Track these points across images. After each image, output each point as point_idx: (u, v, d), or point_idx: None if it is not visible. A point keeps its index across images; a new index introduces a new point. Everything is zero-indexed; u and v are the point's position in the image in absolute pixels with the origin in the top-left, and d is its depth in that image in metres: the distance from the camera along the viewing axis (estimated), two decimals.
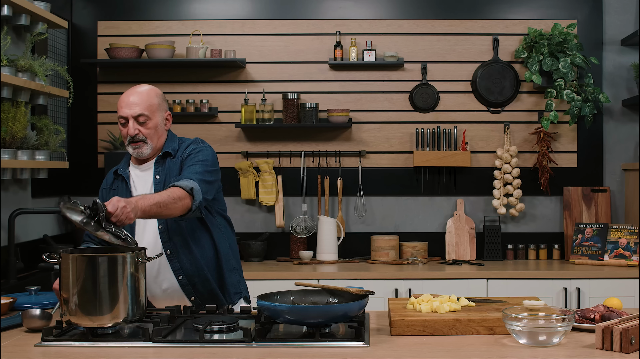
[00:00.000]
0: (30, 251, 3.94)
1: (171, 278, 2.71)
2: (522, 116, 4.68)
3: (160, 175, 2.73)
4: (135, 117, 2.68)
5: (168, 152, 2.76)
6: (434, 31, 4.68)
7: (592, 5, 4.66)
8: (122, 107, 2.69)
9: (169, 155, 2.76)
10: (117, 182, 2.79)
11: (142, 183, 2.75)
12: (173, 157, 2.76)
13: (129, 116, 2.68)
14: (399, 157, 4.68)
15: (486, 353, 2.09)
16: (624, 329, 2.04)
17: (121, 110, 2.69)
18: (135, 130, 2.67)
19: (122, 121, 2.70)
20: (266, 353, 2.09)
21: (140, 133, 2.68)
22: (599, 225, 4.44)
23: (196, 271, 2.72)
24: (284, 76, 4.68)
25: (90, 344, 2.17)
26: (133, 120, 2.68)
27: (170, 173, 2.72)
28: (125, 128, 2.70)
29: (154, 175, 2.74)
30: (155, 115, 2.72)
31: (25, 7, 3.58)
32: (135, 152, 2.72)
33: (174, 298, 2.73)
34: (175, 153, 2.77)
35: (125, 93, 2.73)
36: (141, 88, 2.73)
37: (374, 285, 3.99)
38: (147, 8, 4.68)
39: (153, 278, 2.70)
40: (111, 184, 2.80)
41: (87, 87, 4.68)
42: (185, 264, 2.71)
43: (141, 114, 2.68)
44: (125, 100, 2.69)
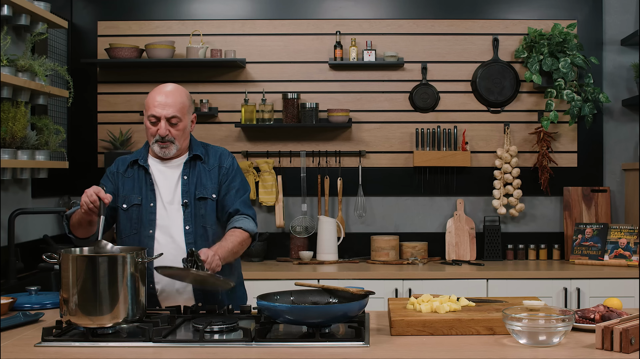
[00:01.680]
0: (30, 251, 3.94)
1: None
2: (522, 116, 4.68)
3: (189, 177, 2.76)
4: (168, 118, 2.69)
5: (198, 155, 2.79)
6: (434, 31, 4.68)
7: (592, 5, 4.66)
8: (155, 107, 2.69)
9: (198, 158, 2.79)
10: (134, 171, 2.79)
11: (165, 179, 2.76)
12: (203, 162, 2.79)
13: (161, 116, 2.69)
14: (399, 157, 4.68)
15: (486, 353, 2.09)
16: (624, 329, 2.04)
17: (153, 110, 2.69)
18: (166, 131, 2.69)
19: (152, 120, 2.70)
20: (266, 353, 2.09)
21: (170, 134, 2.70)
22: (599, 225, 4.44)
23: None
24: (284, 76, 4.68)
25: (90, 344, 2.17)
26: (165, 121, 2.69)
27: (200, 177, 2.76)
28: (154, 127, 2.71)
29: (182, 175, 2.76)
30: (185, 117, 2.74)
31: (25, 7, 3.58)
32: (162, 151, 2.73)
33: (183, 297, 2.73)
34: (205, 158, 2.80)
35: (157, 92, 2.72)
36: (174, 89, 2.74)
37: (374, 285, 3.99)
38: (147, 8, 4.68)
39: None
40: (124, 171, 2.80)
41: (87, 87, 4.68)
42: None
43: (174, 116, 2.69)
44: (159, 100, 2.69)
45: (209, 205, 2.76)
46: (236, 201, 2.80)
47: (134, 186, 2.76)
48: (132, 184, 2.77)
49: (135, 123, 4.68)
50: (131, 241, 2.72)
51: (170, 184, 2.76)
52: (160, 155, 2.74)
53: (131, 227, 2.73)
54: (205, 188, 2.76)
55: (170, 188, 2.75)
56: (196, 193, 2.74)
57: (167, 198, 2.74)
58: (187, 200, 2.73)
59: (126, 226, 2.74)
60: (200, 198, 2.75)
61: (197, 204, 2.74)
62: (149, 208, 2.73)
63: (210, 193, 2.76)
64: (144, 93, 4.67)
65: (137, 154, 2.82)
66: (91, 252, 2.39)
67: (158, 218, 2.72)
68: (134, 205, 2.74)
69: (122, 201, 2.75)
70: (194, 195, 2.74)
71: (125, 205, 2.75)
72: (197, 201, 2.74)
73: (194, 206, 2.73)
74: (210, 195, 2.76)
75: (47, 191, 4.32)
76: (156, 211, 2.72)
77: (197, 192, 2.75)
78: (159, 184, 2.76)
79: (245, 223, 2.74)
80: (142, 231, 2.71)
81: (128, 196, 2.75)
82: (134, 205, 2.74)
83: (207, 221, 2.75)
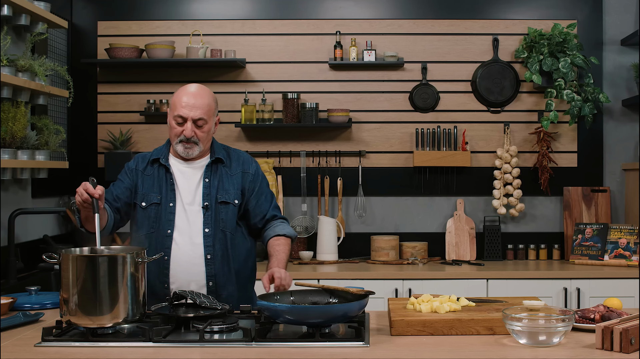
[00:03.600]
0: (30, 251, 3.94)
1: (201, 281, 2.70)
2: (522, 116, 4.68)
3: (211, 180, 2.75)
4: (194, 119, 2.69)
5: (220, 158, 2.79)
6: (434, 31, 4.68)
7: (592, 5, 4.66)
8: (182, 107, 2.68)
9: (220, 161, 2.80)
10: (154, 170, 2.78)
11: (186, 179, 2.76)
12: (225, 165, 2.80)
13: (188, 117, 2.69)
14: (399, 157, 4.68)
15: (486, 353, 2.09)
16: (624, 329, 2.04)
17: (181, 110, 2.68)
18: (192, 132, 2.69)
19: (178, 120, 2.70)
20: (266, 353, 2.09)
21: (195, 136, 2.70)
22: (599, 225, 4.44)
23: (226, 283, 2.73)
24: (284, 76, 4.68)
25: (90, 344, 2.17)
26: (191, 123, 2.69)
27: (222, 181, 2.76)
28: (180, 127, 2.70)
29: (204, 177, 2.76)
30: (211, 119, 2.75)
31: (25, 7, 3.58)
32: (185, 152, 2.73)
33: None
34: (227, 162, 2.81)
35: (184, 92, 2.72)
36: (202, 91, 2.74)
37: (374, 285, 3.99)
38: (147, 8, 4.68)
39: (185, 273, 2.70)
40: (144, 169, 2.79)
41: (87, 87, 4.68)
42: (220, 273, 2.72)
43: (201, 118, 2.70)
44: (187, 101, 2.69)
45: (230, 210, 2.75)
46: (270, 207, 2.84)
47: (153, 184, 2.76)
48: (151, 182, 2.76)
49: (135, 123, 4.68)
50: (148, 240, 2.71)
51: (191, 185, 2.75)
52: (182, 155, 2.74)
53: (149, 226, 2.73)
54: (227, 193, 2.76)
55: (191, 189, 2.75)
56: (217, 196, 2.74)
57: (188, 199, 2.74)
58: (207, 202, 2.73)
59: (144, 224, 2.74)
60: (222, 202, 2.74)
61: (218, 208, 2.74)
62: (168, 208, 2.72)
63: (233, 198, 2.76)
64: (144, 93, 4.67)
65: (158, 152, 2.82)
66: (91, 252, 2.39)
67: (177, 218, 2.72)
68: (153, 203, 2.73)
69: (141, 199, 2.75)
70: (216, 198, 2.74)
71: (144, 203, 2.74)
72: (218, 205, 2.74)
73: (214, 209, 2.73)
74: (232, 200, 2.76)
75: (47, 191, 4.32)
76: (175, 212, 2.72)
77: (218, 196, 2.74)
78: (180, 185, 2.75)
79: (285, 228, 2.81)
80: (160, 230, 2.71)
81: (147, 194, 2.75)
82: (153, 204, 2.73)
83: (227, 226, 2.74)
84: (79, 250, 2.41)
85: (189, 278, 2.69)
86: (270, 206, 2.85)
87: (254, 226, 2.84)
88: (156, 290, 2.70)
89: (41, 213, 4.03)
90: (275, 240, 2.77)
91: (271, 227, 2.83)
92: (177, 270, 2.69)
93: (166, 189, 2.74)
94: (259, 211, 2.82)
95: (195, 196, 2.74)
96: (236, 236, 2.77)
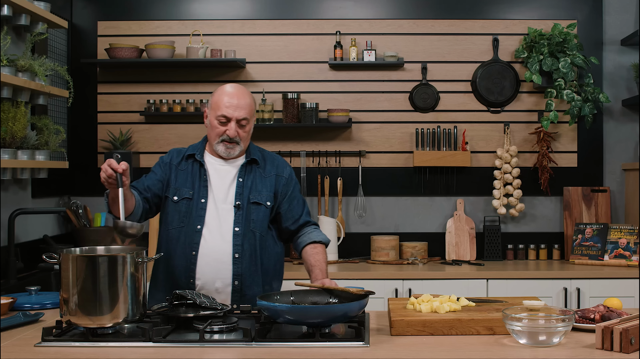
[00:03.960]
0: (30, 251, 3.94)
1: (227, 279, 2.71)
2: (522, 116, 4.68)
3: (244, 180, 2.77)
4: (238, 119, 2.71)
5: (255, 159, 2.82)
6: (434, 31, 4.68)
7: (592, 5, 4.66)
8: (227, 107, 2.70)
9: (255, 162, 2.82)
10: (188, 165, 2.80)
11: (220, 177, 2.77)
12: (259, 167, 2.82)
13: (233, 118, 2.70)
14: (399, 157, 4.68)
15: (486, 353, 2.09)
16: (624, 329, 2.04)
17: (225, 110, 2.70)
18: (235, 132, 2.71)
19: (222, 120, 2.71)
20: (266, 353, 2.09)
21: (238, 136, 2.72)
22: (599, 225, 4.44)
23: (252, 284, 2.73)
24: (284, 76, 4.68)
25: (90, 344, 2.17)
26: (235, 123, 2.71)
27: (256, 182, 2.78)
28: (223, 127, 2.72)
29: (238, 177, 2.77)
30: (252, 119, 2.78)
31: (25, 7, 3.58)
32: (227, 151, 2.75)
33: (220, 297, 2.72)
34: (261, 164, 2.83)
35: (227, 92, 2.73)
36: (244, 91, 2.76)
37: (374, 285, 3.99)
38: (147, 8, 4.68)
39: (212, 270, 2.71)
40: (178, 163, 2.80)
41: (87, 87, 4.68)
42: (247, 273, 2.72)
43: (245, 118, 2.72)
44: (231, 102, 2.70)
45: (262, 211, 2.77)
46: (303, 212, 2.88)
47: (186, 179, 2.77)
48: (185, 177, 2.77)
49: (135, 123, 4.68)
50: (178, 234, 2.72)
51: (224, 183, 2.76)
52: (223, 155, 2.76)
53: (179, 220, 2.73)
54: (260, 194, 2.77)
55: (224, 187, 2.76)
56: (250, 197, 2.76)
57: (220, 197, 2.75)
58: (239, 202, 2.74)
59: (174, 218, 2.74)
60: (255, 202, 2.76)
61: (250, 208, 2.75)
62: (200, 204, 2.73)
63: (265, 200, 2.78)
64: (144, 93, 4.67)
65: (194, 149, 2.83)
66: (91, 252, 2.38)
67: (207, 215, 2.73)
68: (185, 198, 2.74)
69: (173, 193, 2.76)
70: (248, 198, 2.75)
71: (175, 197, 2.75)
72: (250, 205, 2.75)
73: (246, 209, 2.74)
74: (264, 202, 2.77)
75: (47, 191, 4.32)
76: (206, 208, 2.73)
77: (251, 196, 2.76)
78: (213, 182, 2.76)
79: (320, 235, 2.85)
80: (190, 225, 2.72)
81: (180, 188, 2.76)
82: (185, 199, 2.74)
83: (257, 227, 2.75)
84: (79, 250, 2.41)
85: (215, 275, 2.70)
86: (303, 211, 2.88)
87: (285, 229, 2.85)
88: (181, 285, 2.70)
89: (41, 213, 4.03)
90: (313, 248, 2.80)
91: (306, 233, 2.85)
92: (204, 267, 2.70)
93: (199, 185, 2.76)
94: (290, 215, 2.84)
95: (227, 194, 2.75)
96: (267, 239, 2.79)
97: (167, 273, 2.76)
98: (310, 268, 2.75)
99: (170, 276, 2.75)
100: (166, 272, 2.77)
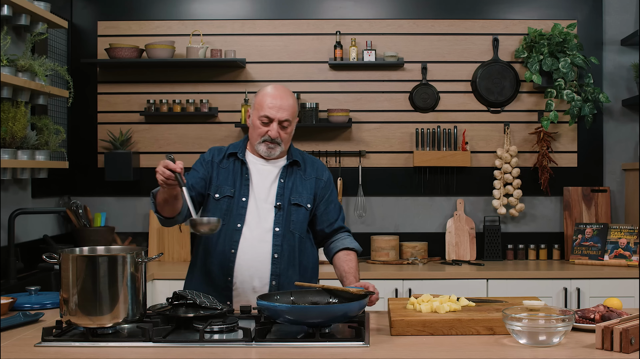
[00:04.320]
0: (30, 251, 3.94)
1: (265, 278, 2.71)
2: (522, 116, 4.68)
3: (285, 181, 2.78)
4: (281, 121, 2.71)
5: (297, 161, 2.82)
6: (434, 31, 4.68)
7: (592, 5, 4.66)
8: (270, 108, 2.70)
9: (296, 164, 2.82)
10: (229, 163, 2.80)
11: (261, 177, 2.78)
12: (300, 168, 2.83)
13: (275, 119, 2.70)
14: (399, 157, 4.68)
15: (486, 353, 2.09)
16: (624, 329, 2.04)
17: (268, 111, 2.70)
18: (277, 133, 2.71)
19: (264, 120, 2.71)
20: (266, 353, 2.09)
21: (279, 137, 2.73)
22: (599, 225, 4.44)
23: (289, 284, 2.73)
24: (284, 76, 4.68)
25: (90, 344, 2.17)
26: (277, 124, 2.71)
27: (296, 184, 2.79)
28: (265, 127, 2.72)
29: (279, 178, 2.78)
30: (294, 120, 2.78)
31: (25, 7, 3.58)
32: (268, 151, 2.75)
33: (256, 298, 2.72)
34: (302, 166, 2.83)
35: (270, 93, 2.73)
36: (288, 93, 2.76)
37: (374, 285, 3.98)
38: (147, 8, 4.68)
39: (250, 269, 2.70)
40: (220, 161, 2.80)
41: (87, 87, 4.68)
42: (284, 273, 2.72)
43: (287, 120, 2.72)
44: (275, 103, 2.70)
45: (302, 213, 2.78)
46: (339, 217, 2.88)
47: (228, 177, 2.77)
48: (226, 175, 2.78)
49: (135, 123, 4.68)
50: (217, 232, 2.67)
51: (265, 183, 2.77)
52: (264, 155, 2.76)
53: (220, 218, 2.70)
54: (300, 196, 2.78)
55: (265, 187, 2.76)
56: (291, 198, 2.76)
57: (261, 196, 2.75)
58: (280, 202, 2.74)
59: (215, 216, 2.72)
60: (295, 204, 2.77)
61: (291, 209, 2.76)
62: (241, 202, 2.74)
63: (306, 202, 2.79)
64: (144, 93, 4.67)
65: (235, 147, 2.83)
66: (92, 252, 2.38)
67: (248, 214, 2.73)
68: (226, 196, 2.75)
69: (215, 191, 2.76)
70: (289, 199, 2.76)
71: (217, 195, 2.75)
72: (291, 206, 2.76)
73: (287, 210, 2.75)
74: (305, 204, 2.78)
75: (47, 191, 4.32)
76: (247, 207, 2.73)
77: (292, 198, 2.76)
78: (254, 181, 2.77)
79: (354, 242, 2.85)
80: (230, 223, 2.72)
81: (221, 186, 2.76)
82: (226, 197, 2.75)
83: (296, 228, 2.76)
84: (78, 250, 2.41)
85: (253, 274, 2.70)
86: (338, 216, 2.88)
87: (320, 232, 2.86)
88: (218, 283, 2.71)
89: (41, 213, 4.03)
90: (346, 255, 2.81)
91: (339, 239, 2.86)
92: (242, 265, 2.70)
93: (240, 184, 2.76)
94: (326, 218, 2.85)
95: (268, 194, 2.76)
96: (305, 241, 2.81)
97: (204, 271, 2.76)
98: (343, 274, 2.75)
99: (207, 274, 2.75)
100: (203, 270, 2.76)
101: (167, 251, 4.55)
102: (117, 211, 4.69)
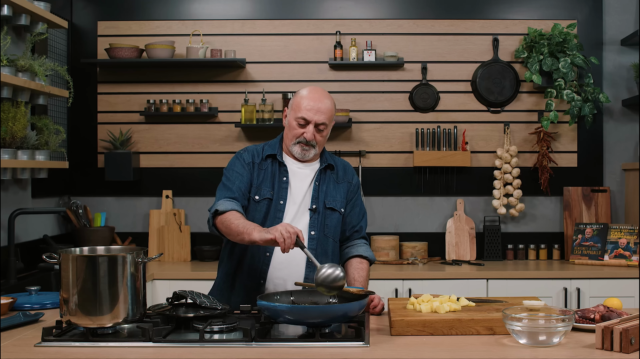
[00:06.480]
0: (30, 251, 3.94)
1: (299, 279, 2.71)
2: (522, 116, 4.68)
3: (320, 183, 2.78)
4: (317, 124, 2.71)
5: (332, 165, 2.83)
6: (434, 31, 4.68)
7: (592, 5, 4.66)
8: (308, 110, 2.69)
9: (331, 168, 2.83)
10: (268, 164, 2.78)
11: (298, 180, 2.77)
12: (333, 172, 2.83)
13: (312, 121, 2.70)
14: (399, 157, 4.68)
15: (486, 353, 2.09)
16: (624, 329, 2.04)
17: (306, 113, 2.69)
18: (312, 136, 2.71)
19: (300, 122, 2.70)
20: (266, 353, 2.09)
21: (314, 140, 2.72)
22: (599, 225, 4.44)
23: None
24: (284, 76, 4.68)
25: (90, 344, 2.17)
26: (313, 126, 2.71)
27: (329, 187, 2.79)
28: (301, 129, 2.71)
29: (314, 180, 2.77)
30: (331, 124, 2.78)
31: (25, 7, 3.58)
32: (302, 153, 2.74)
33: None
34: (335, 169, 2.84)
35: (310, 95, 2.72)
36: (327, 96, 2.75)
37: (374, 285, 3.98)
38: (147, 8, 4.68)
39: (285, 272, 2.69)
40: (260, 163, 2.78)
41: (87, 87, 4.68)
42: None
43: (323, 123, 2.72)
44: (313, 105, 2.69)
45: (336, 217, 2.78)
46: (361, 221, 2.88)
47: (266, 179, 2.76)
48: (264, 177, 2.76)
49: (135, 123, 4.68)
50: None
51: (302, 186, 2.76)
52: (298, 156, 2.75)
53: (259, 220, 2.71)
54: (335, 200, 2.78)
55: (302, 190, 2.75)
56: (326, 202, 2.76)
57: (297, 199, 2.74)
58: (315, 206, 2.74)
59: (254, 218, 2.70)
60: (330, 208, 2.76)
61: (326, 213, 2.76)
62: (279, 205, 2.72)
63: (340, 206, 2.79)
64: (144, 93, 4.67)
65: (272, 148, 2.81)
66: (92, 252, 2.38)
67: (285, 216, 2.72)
68: (266, 198, 2.73)
69: (255, 193, 2.74)
70: (324, 203, 2.76)
71: (257, 197, 2.73)
72: (326, 210, 2.76)
73: (322, 214, 2.75)
74: (339, 208, 2.79)
75: (47, 191, 4.32)
76: (284, 210, 2.72)
77: (326, 201, 2.76)
78: (292, 184, 2.76)
79: (368, 251, 2.84)
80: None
81: (260, 188, 2.74)
82: (266, 199, 2.73)
83: (330, 232, 2.76)
84: (79, 249, 2.41)
85: (286, 277, 2.69)
86: (360, 220, 2.88)
87: (342, 234, 2.85)
88: (250, 286, 2.70)
89: (41, 213, 4.03)
90: (360, 263, 2.79)
91: (355, 245, 2.85)
92: (277, 268, 2.69)
93: (279, 186, 2.75)
94: (349, 220, 2.84)
95: (304, 197, 2.75)
96: (337, 246, 2.82)
97: (235, 273, 2.74)
98: (352, 282, 2.73)
99: (238, 276, 2.74)
100: (234, 271, 2.75)
101: (167, 251, 4.55)
102: (117, 212, 4.69)
